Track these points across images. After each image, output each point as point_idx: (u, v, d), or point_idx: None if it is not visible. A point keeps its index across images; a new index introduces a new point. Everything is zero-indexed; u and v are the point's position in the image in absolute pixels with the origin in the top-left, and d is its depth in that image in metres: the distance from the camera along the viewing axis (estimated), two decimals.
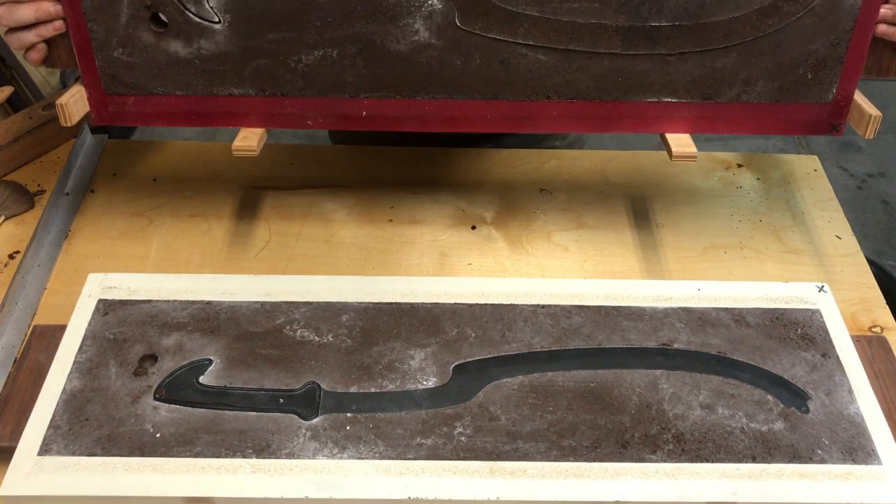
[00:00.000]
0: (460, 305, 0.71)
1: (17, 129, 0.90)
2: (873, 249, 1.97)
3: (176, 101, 0.70)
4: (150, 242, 0.83)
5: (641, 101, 0.69)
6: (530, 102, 0.69)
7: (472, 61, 0.67)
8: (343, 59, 0.68)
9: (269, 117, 0.69)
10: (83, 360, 0.66)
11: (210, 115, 0.70)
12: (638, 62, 0.68)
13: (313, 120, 0.69)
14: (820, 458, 0.61)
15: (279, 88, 0.69)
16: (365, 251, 0.83)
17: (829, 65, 0.69)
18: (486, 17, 0.66)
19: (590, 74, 0.68)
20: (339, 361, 0.66)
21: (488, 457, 0.61)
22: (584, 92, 0.68)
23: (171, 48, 0.68)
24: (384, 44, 0.67)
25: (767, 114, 0.70)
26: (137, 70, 0.69)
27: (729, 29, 0.68)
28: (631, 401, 0.64)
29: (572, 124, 0.69)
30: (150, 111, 0.70)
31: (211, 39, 0.68)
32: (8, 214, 0.85)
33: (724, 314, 0.71)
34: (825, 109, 0.70)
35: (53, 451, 0.60)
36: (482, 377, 0.66)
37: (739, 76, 0.69)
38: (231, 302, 0.70)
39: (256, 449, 0.60)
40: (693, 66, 0.69)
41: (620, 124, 0.70)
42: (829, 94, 0.70)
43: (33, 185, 0.89)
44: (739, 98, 0.70)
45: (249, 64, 0.68)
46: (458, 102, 0.69)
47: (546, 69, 0.68)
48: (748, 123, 0.70)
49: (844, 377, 0.67)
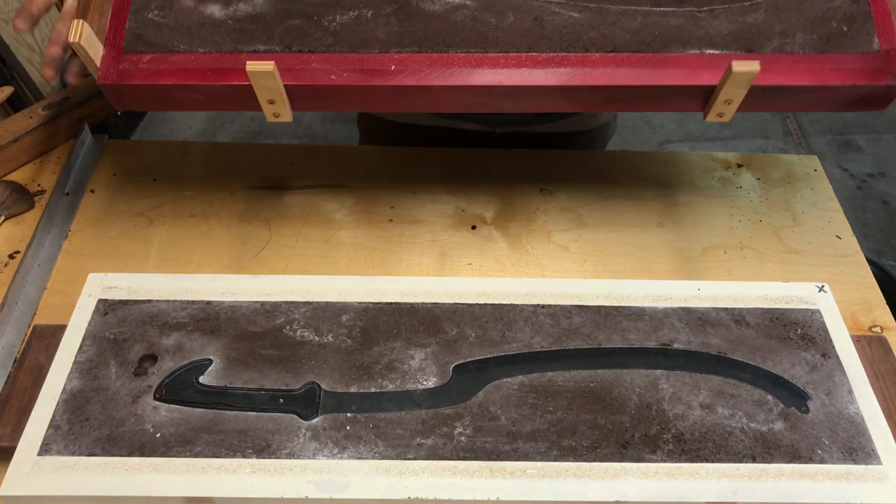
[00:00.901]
0: (460, 305, 0.71)
1: (17, 129, 0.90)
2: (873, 249, 1.97)
3: (196, 57, 0.67)
4: (150, 242, 0.83)
5: (684, 53, 0.67)
6: (567, 56, 0.67)
7: (506, 19, 0.67)
8: (377, 17, 0.67)
9: (291, 72, 0.66)
10: (83, 360, 0.66)
11: (228, 72, 0.66)
12: (671, 18, 0.68)
13: (337, 75, 0.66)
14: (820, 458, 0.61)
15: (307, 45, 0.67)
16: (365, 251, 0.83)
17: (859, 19, 0.68)
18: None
19: (625, 29, 0.67)
20: (339, 361, 0.66)
21: (488, 457, 0.61)
22: (622, 45, 0.67)
23: (208, 10, 0.68)
24: (419, 4, 0.67)
25: (819, 63, 0.67)
26: (166, 29, 0.68)
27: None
28: (631, 401, 0.64)
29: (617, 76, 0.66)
30: (164, 68, 0.67)
31: (250, 3, 0.68)
32: (8, 214, 0.85)
33: (724, 314, 0.71)
34: (877, 59, 0.67)
35: (53, 451, 0.60)
36: (482, 377, 0.66)
37: (775, 30, 0.68)
38: (231, 302, 0.70)
39: (256, 449, 0.60)
40: (725, 22, 0.68)
41: (667, 75, 0.66)
42: (873, 44, 0.67)
43: (33, 185, 0.89)
44: (783, 49, 0.67)
45: (283, 23, 0.67)
46: (491, 56, 0.67)
47: (580, 25, 0.67)
48: (802, 73, 0.66)
49: (844, 377, 0.67)
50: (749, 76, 0.63)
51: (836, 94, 0.67)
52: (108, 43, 0.67)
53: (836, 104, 0.69)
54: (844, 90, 0.67)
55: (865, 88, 0.67)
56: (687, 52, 0.67)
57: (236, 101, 0.67)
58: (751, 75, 0.63)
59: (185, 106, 0.69)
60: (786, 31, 0.67)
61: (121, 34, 0.67)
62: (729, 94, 0.66)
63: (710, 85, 0.66)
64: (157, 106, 0.69)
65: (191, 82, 0.66)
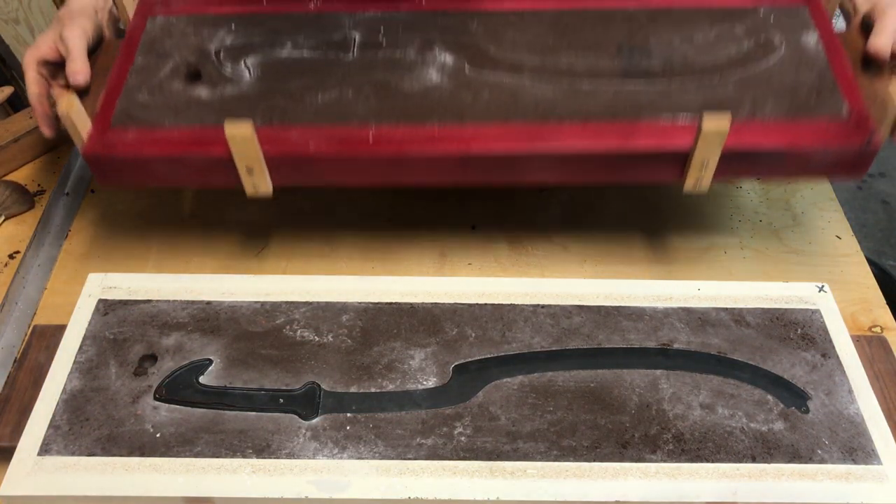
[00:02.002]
0: (460, 305, 0.71)
1: (17, 129, 0.90)
2: (873, 249, 1.97)
3: (179, 132, 0.68)
4: (150, 242, 0.83)
5: (655, 120, 0.68)
6: (542, 125, 0.67)
7: (482, 95, 0.69)
8: (357, 96, 0.70)
9: (270, 142, 0.67)
10: (83, 360, 0.66)
11: (209, 143, 0.67)
12: (641, 92, 0.69)
13: (316, 144, 0.67)
14: (820, 458, 0.61)
15: (288, 119, 0.69)
16: (365, 251, 0.83)
17: (827, 89, 0.69)
18: (492, 65, 0.71)
19: (598, 102, 0.69)
20: (339, 361, 0.66)
21: (488, 457, 0.61)
22: (595, 115, 0.68)
23: (196, 92, 0.71)
24: (398, 86, 0.70)
25: (791, 128, 0.67)
26: (153, 108, 0.70)
27: (716, 68, 0.71)
28: (631, 401, 0.64)
29: (589, 141, 0.66)
30: (148, 140, 0.68)
31: (236, 86, 0.72)
32: (8, 214, 0.85)
33: (724, 314, 0.71)
34: (848, 124, 0.67)
35: (53, 451, 0.60)
36: (482, 377, 0.66)
37: (746, 100, 0.69)
38: (231, 302, 0.70)
39: (256, 449, 0.60)
40: (695, 94, 0.69)
41: (640, 140, 0.66)
42: (843, 112, 0.68)
43: (33, 185, 0.89)
44: (755, 115, 0.68)
45: (266, 102, 0.70)
46: (467, 125, 0.67)
47: (554, 99, 0.69)
48: (775, 137, 0.66)
49: (844, 377, 0.67)
50: (721, 132, 0.63)
51: (810, 158, 0.67)
52: (97, 118, 0.69)
53: (813, 170, 0.69)
54: (818, 153, 0.66)
55: (839, 151, 0.66)
56: (660, 119, 0.67)
57: (217, 173, 0.68)
58: (722, 130, 0.63)
59: (168, 180, 0.70)
60: (756, 100, 0.68)
61: (110, 111, 0.69)
62: (703, 155, 0.66)
63: (684, 148, 0.66)
64: (140, 181, 0.70)
65: (172, 153, 0.67)
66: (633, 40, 0.73)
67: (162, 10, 0.78)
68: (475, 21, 0.74)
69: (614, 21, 0.75)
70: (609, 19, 0.75)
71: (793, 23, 0.74)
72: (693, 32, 0.73)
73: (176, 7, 0.78)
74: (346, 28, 0.75)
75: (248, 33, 0.75)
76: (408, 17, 0.76)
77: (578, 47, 0.72)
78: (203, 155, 0.67)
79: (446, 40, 0.73)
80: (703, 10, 0.75)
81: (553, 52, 0.72)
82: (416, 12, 0.76)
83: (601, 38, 0.73)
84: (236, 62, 0.73)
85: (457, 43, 0.73)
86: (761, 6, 0.75)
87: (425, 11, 0.76)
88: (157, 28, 0.76)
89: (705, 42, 0.72)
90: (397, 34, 0.74)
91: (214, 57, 0.74)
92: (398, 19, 0.76)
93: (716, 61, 0.71)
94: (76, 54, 0.70)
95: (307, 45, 0.74)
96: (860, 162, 0.67)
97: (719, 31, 0.73)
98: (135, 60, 0.73)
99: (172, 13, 0.77)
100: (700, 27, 0.74)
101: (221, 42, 0.75)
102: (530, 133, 0.66)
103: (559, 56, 0.71)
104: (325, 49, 0.73)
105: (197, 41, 0.75)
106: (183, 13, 0.77)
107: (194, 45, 0.75)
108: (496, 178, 0.69)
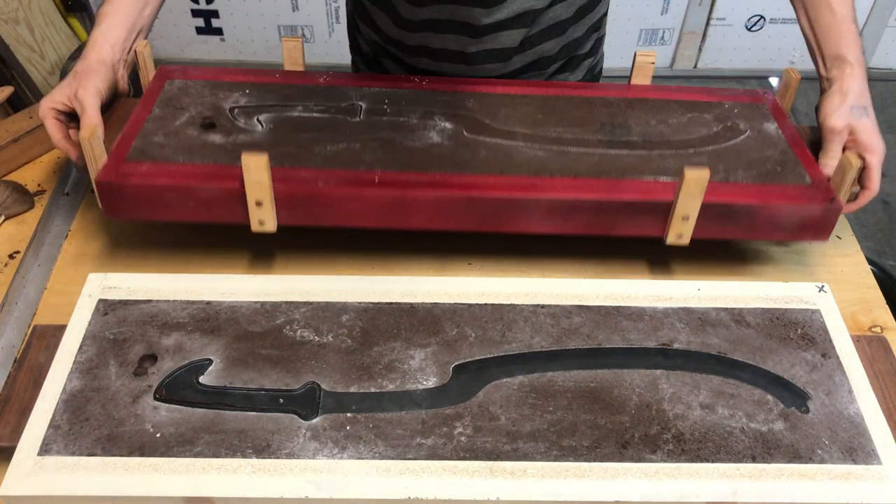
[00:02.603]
0: (460, 305, 0.71)
1: (17, 129, 0.90)
2: (873, 249, 1.97)
3: (192, 167, 0.72)
4: (151, 242, 0.83)
5: (639, 179, 0.74)
6: (535, 178, 0.74)
7: (479, 153, 0.76)
8: (364, 148, 0.76)
9: (281, 180, 0.71)
10: (83, 360, 0.66)
11: (221, 177, 0.71)
12: (624, 157, 0.77)
13: (324, 183, 0.71)
14: (820, 458, 0.61)
15: (299, 163, 0.74)
16: (365, 251, 0.83)
17: (790, 163, 0.78)
18: (488, 132, 0.79)
19: (585, 163, 0.76)
20: (339, 361, 0.66)
21: (488, 457, 0.61)
22: (583, 172, 0.75)
23: (210, 137, 0.76)
24: (403, 142, 0.77)
25: (762, 189, 0.74)
26: (168, 147, 0.75)
27: (691, 143, 0.80)
28: (631, 401, 0.64)
29: (579, 192, 0.72)
30: (161, 173, 0.71)
31: (249, 135, 0.77)
32: (8, 214, 0.85)
33: (724, 314, 0.71)
34: (811, 189, 0.75)
35: (53, 451, 0.60)
36: (482, 377, 0.66)
37: (719, 168, 0.76)
38: (231, 302, 0.70)
39: (256, 449, 0.60)
40: (674, 161, 0.77)
41: (625, 193, 0.73)
42: (805, 179, 0.76)
43: (33, 185, 0.89)
44: (728, 179, 0.75)
45: (278, 149, 0.75)
46: (467, 175, 0.73)
47: (545, 159, 0.76)
48: (748, 195, 0.73)
49: (844, 377, 0.67)
50: (701, 182, 0.69)
51: (781, 216, 0.74)
52: (113, 152, 0.73)
53: (784, 230, 0.75)
54: (788, 211, 0.73)
55: (806, 211, 0.73)
56: (642, 179, 0.75)
57: (225, 206, 0.71)
58: (702, 179, 0.69)
59: (176, 213, 0.73)
60: (728, 169, 0.76)
61: (126, 148, 0.74)
62: (685, 207, 0.71)
63: (666, 200, 0.72)
64: (149, 213, 0.73)
65: (183, 184, 0.71)
66: (615, 120, 0.82)
67: (180, 76, 0.84)
68: (471, 99, 0.83)
69: (596, 105, 0.84)
70: (591, 104, 0.84)
71: (755, 114, 0.84)
72: (667, 117, 0.83)
73: (193, 73, 0.84)
74: (353, 99, 0.82)
75: (262, 98, 0.82)
76: (410, 93, 0.83)
77: (565, 123, 0.81)
78: (214, 187, 0.70)
79: (445, 112, 0.81)
80: (675, 101, 0.85)
81: (542, 125, 0.80)
82: (418, 90, 0.84)
83: (585, 117, 0.82)
84: (249, 118, 0.79)
85: (455, 115, 0.81)
86: (726, 101, 0.86)
87: (426, 90, 0.84)
88: (175, 88, 0.82)
89: (679, 124, 0.82)
90: (401, 105, 0.82)
91: (228, 112, 0.80)
92: (401, 95, 0.83)
93: (690, 138, 0.80)
94: (91, 112, 0.74)
95: (317, 109, 0.81)
96: (824, 223, 0.74)
97: (691, 116, 0.83)
98: (152, 111, 0.79)
99: (190, 78, 0.84)
100: (673, 114, 0.83)
101: (236, 102, 0.81)
102: (525, 184, 0.73)
103: (548, 128, 0.80)
104: (334, 112, 0.80)
105: (212, 99, 0.81)
106: (200, 78, 0.84)
107: (210, 102, 0.81)
108: (492, 225, 0.74)
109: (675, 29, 2.35)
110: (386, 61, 0.94)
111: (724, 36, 2.37)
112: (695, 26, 2.34)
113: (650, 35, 2.36)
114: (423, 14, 0.83)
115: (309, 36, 2.33)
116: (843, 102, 0.76)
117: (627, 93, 0.86)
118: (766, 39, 2.37)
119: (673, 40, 2.38)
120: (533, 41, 0.86)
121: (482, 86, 0.85)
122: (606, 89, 0.87)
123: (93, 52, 0.78)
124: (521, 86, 0.86)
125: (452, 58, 0.87)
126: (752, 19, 2.33)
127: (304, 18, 2.30)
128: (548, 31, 0.87)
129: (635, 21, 2.33)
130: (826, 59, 0.80)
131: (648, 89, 0.87)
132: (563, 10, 0.85)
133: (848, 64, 0.77)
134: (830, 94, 0.78)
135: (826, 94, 0.78)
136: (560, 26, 0.87)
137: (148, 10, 0.82)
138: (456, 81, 0.86)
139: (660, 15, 2.32)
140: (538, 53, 0.88)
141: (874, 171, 0.76)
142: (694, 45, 2.39)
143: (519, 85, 0.86)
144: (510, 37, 0.84)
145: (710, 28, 2.35)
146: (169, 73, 0.84)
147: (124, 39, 0.80)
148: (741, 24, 2.34)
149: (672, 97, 0.86)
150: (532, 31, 0.85)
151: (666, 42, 2.39)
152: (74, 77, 0.76)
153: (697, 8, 2.29)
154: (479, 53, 0.85)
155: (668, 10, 2.30)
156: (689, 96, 0.86)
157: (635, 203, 0.72)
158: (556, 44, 0.88)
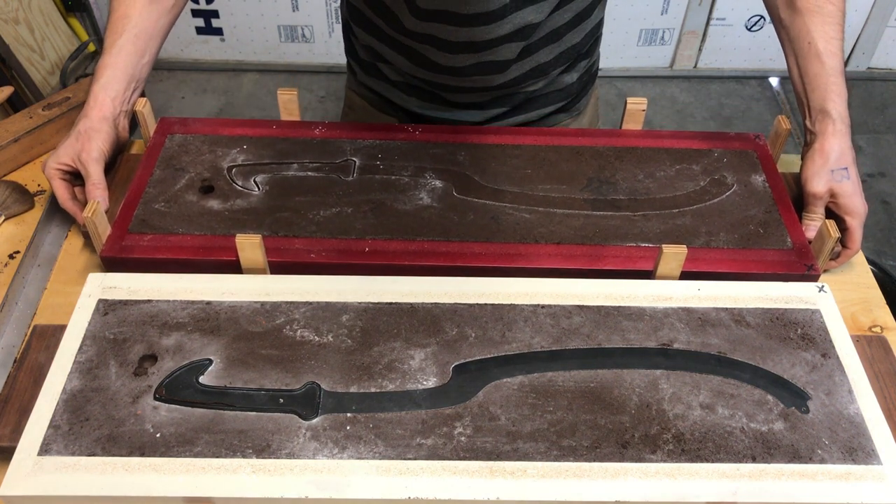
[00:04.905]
0: (460, 305, 0.71)
1: (17, 129, 0.90)
2: (873, 249, 1.97)
3: (191, 238, 0.76)
4: None
5: (621, 245, 0.77)
6: (520, 245, 0.77)
7: (467, 216, 0.79)
8: (356, 213, 0.79)
9: (275, 251, 0.75)
10: (83, 360, 0.66)
11: (218, 249, 0.75)
12: (609, 220, 0.80)
13: (317, 254, 0.75)
14: (820, 458, 0.61)
15: (292, 231, 0.77)
16: None
17: (773, 223, 0.80)
18: (476, 191, 0.82)
19: (569, 227, 0.79)
20: (339, 361, 0.66)
21: (488, 457, 0.61)
22: (567, 238, 0.78)
23: (209, 204, 0.79)
24: (393, 205, 0.80)
25: (741, 255, 0.76)
26: (168, 216, 0.78)
27: (676, 201, 0.82)
28: (631, 401, 0.64)
29: (562, 261, 0.75)
30: (162, 245, 0.75)
31: (246, 200, 0.80)
32: (8, 214, 0.85)
33: (724, 314, 0.71)
34: (791, 253, 0.77)
35: (53, 451, 0.60)
36: (482, 377, 0.66)
37: (701, 230, 0.79)
38: (231, 302, 0.70)
39: (256, 449, 0.60)
40: (657, 223, 0.79)
41: (607, 262, 0.75)
42: (787, 243, 0.78)
43: (33, 185, 0.89)
44: (710, 244, 0.78)
45: (273, 215, 0.78)
46: (454, 242, 0.77)
47: (531, 222, 0.79)
48: (727, 263, 0.76)
49: (844, 377, 0.67)
50: (678, 258, 0.73)
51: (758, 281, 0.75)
52: (116, 223, 0.77)
53: None
54: (766, 278, 0.75)
55: (784, 278, 0.75)
56: (624, 245, 0.77)
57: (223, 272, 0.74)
58: (680, 256, 0.72)
59: None
60: (710, 231, 0.79)
61: (128, 219, 0.78)
62: (664, 276, 0.74)
63: (646, 269, 0.75)
64: None
65: (183, 257, 0.75)
66: (602, 174, 0.84)
67: (180, 129, 0.87)
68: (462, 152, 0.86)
69: (585, 157, 0.86)
70: (580, 155, 0.86)
71: (744, 164, 0.86)
72: (655, 169, 0.85)
73: (193, 126, 0.88)
74: (348, 154, 0.85)
75: (258, 154, 0.85)
76: (403, 145, 0.86)
77: (553, 179, 0.83)
78: (212, 260, 0.75)
79: (436, 168, 0.84)
80: (664, 149, 0.87)
81: (531, 181, 0.83)
82: (411, 142, 0.87)
83: (574, 171, 0.84)
84: (247, 178, 0.82)
85: (446, 171, 0.83)
86: (716, 149, 0.87)
87: (419, 141, 0.87)
88: (175, 145, 0.85)
89: (666, 178, 0.84)
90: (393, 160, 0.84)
91: (226, 172, 0.82)
92: (394, 148, 0.86)
93: (675, 195, 0.82)
94: (95, 178, 0.77)
95: (312, 167, 0.83)
96: None
97: (679, 168, 0.85)
98: (153, 173, 0.82)
99: (189, 132, 0.87)
100: (661, 165, 0.85)
101: (234, 160, 0.84)
102: (510, 252, 0.76)
103: (536, 185, 0.83)
104: (328, 171, 0.83)
105: (211, 157, 0.84)
106: (199, 133, 0.87)
107: (209, 161, 0.84)
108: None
109: (675, 29, 2.35)
110: (382, 66, 0.94)
111: (724, 36, 2.37)
112: (695, 26, 2.34)
113: (650, 35, 2.37)
114: (424, 28, 0.83)
115: (309, 36, 2.33)
116: (824, 165, 0.78)
117: (618, 141, 0.88)
118: (766, 39, 2.37)
119: (673, 40, 2.38)
120: (531, 50, 0.87)
121: (473, 135, 0.88)
122: (597, 136, 0.89)
123: (94, 108, 0.80)
124: (512, 134, 0.89)
125: (451, 70, 0.87)
126: (752, 19, 2.33)
127: (304, 18, 2.30)
128: (545, 40, 0.87)
129: (635, 21, 2.33)
130: (811, 110, 0.81)
131: (639, 136, 0.89)
132: (560, 18, 0.85)
133: (831, 120, 0.78)
134: (812, 155, 0.79)
135: (808, 152, 0.80)
136: (557, 33, 0.87)
137: (146, 59, 0.84)
138: (448, 130, 0.88)
139: (660, 15, 2.32)
140: (536, 62, 0.88)
141: (855, 233, 0.79)
142: (694, 45, 2.39)
143: (510, 133, 0.89)
144: (509, 49, 0.84)
145: (710, 28, 2.35)
146: (170, 125, 0.87)
147: (124, 90, 0.82)
148: (741, 24, 2.34)
149: (662, 145, 0.88)
150: (530, 42, 0.85)
151: (666, 42, 2.39)
152: (77, 137, 0.79)
153: (697, 8, 2.29)
154: (477, 65, 0.85)
155: (668, 10, 2.30)
156: (679, 143, 0.88)
157: (616, 272, 0.75)
158: (553, 51, 0.88)
